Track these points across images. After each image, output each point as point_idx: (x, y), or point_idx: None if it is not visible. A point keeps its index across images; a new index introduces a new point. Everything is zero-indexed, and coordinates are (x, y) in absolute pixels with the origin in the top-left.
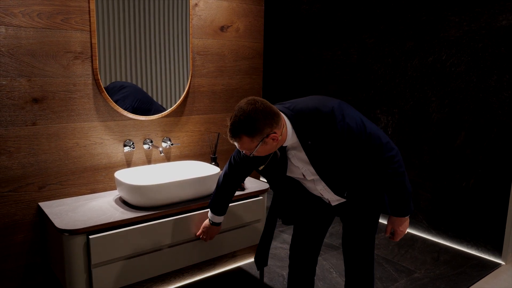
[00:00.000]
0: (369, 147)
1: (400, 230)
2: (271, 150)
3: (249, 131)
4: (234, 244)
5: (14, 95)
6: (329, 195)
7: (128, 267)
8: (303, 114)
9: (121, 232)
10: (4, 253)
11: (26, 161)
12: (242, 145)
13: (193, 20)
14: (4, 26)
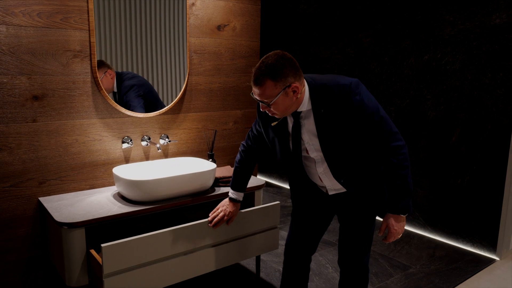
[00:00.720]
0: (379, 131)
1: (395, 229)
2: (288, 106)
3: (274, 75)
4: (254, 250)
5: (15, 93)
6: (327, 181)
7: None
8: (322, 83)
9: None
10: (6, 246)
11: (26, 157)
12: (264, 91)
13: (190, 19)
14: (5, 25)
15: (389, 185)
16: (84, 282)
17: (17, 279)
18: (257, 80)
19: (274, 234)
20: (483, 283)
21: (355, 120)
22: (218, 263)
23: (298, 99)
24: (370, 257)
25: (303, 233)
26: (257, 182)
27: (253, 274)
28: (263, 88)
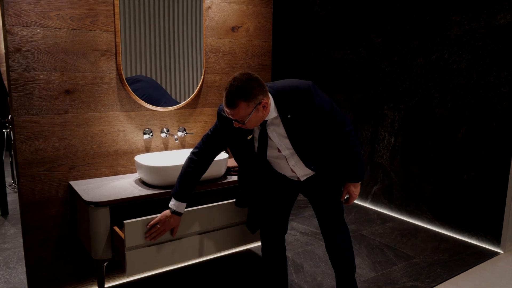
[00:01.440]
0: (335, 122)
1: (355, 194)
2: (260, 120)
3: (246, 96)
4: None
5: (50, 87)
6: (299, 170)
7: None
8: (284, 91)
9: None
10: (40, 225)
11: (59, 144)
12: (238, 111)
13: (206, 22)
14: (42, 27)
15: (346, 161)
16: (108, 256)
17: (49, 254)
18: (231, 103)
19: None
20: (484, 274)
21: (317, 117)
22: (232, 244)
23: (266, 111)
24: (376, 248)
25: (275, 218)
26: None
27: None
28: (237, 109)
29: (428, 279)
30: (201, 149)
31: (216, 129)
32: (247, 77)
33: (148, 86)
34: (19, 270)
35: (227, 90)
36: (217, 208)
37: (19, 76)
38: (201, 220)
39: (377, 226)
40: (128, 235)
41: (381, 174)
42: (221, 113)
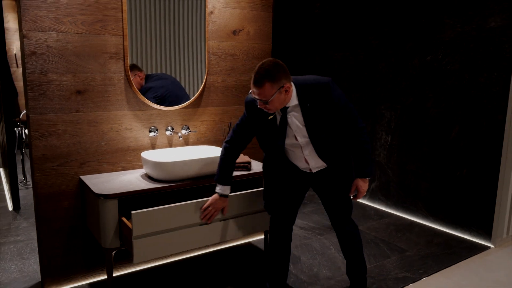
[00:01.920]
0: (349, 117)
1: (363, 189)
2: (281, 103)
3: (271, 78)
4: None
5: (62, 88)
6: (312, 161)
7: (163, 240)
8: (305, 82)
9: (157, 209)
10: (53, 216)
11: (70, 141)
12: (263, 91)
13: (209, 25)
14: (55, 32)
15: (357, 157)
16: (116, 244)
17: (61, 244)
18: (258, 82)
19: None
20: (474, 266)
21: (333, 109)
22: (231, 234)
23: (288, 97)
24: (372, 242)
25: (285, 208)
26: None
27: (261, 250)
28: (262, 89)
29: (419, 270)
30: (232, 138)
31: (243, 119)
32: (274, 63)
33: (170, 83)
34: (32, 260)
35: (256, 72)
36: None
37: (34, 77)
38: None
39: (374, 222)
40: (135, 224)
41: (378, 171)
42: (248, 102)
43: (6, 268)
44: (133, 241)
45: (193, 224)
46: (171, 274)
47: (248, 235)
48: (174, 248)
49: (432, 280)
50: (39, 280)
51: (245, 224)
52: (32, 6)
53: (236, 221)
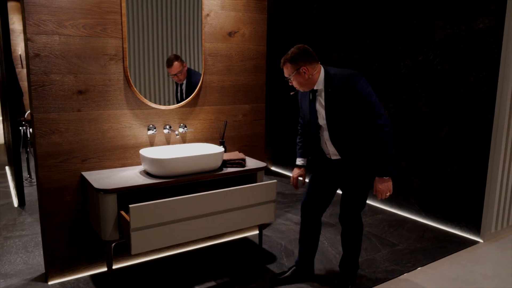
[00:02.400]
0: (369, 110)
1: (379, 188)
2: (302, 82)
3: (291, 59)
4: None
5: (64, 88)
6: (330, 147)
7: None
8: (335, 70)
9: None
10: (56, 210)
11: (72, 139)
12: (285, 70)
13: (205, 28)
14: (58, 35)
15: (374, 155)
16: (115, 237)
17: (64, 237)
18: (281, 63)
19: (270, 207)
20: (462, 260)
21: (352, 99)
22: (223, 227)
23: (311, 79)
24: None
25: (314, 194)
26: (259, 164)
27: (257, 245)
28: (284, 68)
29: (408, 263)
30: (300, 126)
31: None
32: (298, 48)
33: None
34: (36, 253)
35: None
36: (213, 195)
37: (38, 78)
38: (195, 206)
39: (368, 218)
40: (133, 217)
41: None
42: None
43: (12, 261)
44: (131, 233)
45: (188, 217)
46: (169, 267)
47: (242, 229)
48: (170, 240)
49: (419, 272)
50: (43, 271)
51: (238, 217)
52: (35, 10)
53: (230, 215)
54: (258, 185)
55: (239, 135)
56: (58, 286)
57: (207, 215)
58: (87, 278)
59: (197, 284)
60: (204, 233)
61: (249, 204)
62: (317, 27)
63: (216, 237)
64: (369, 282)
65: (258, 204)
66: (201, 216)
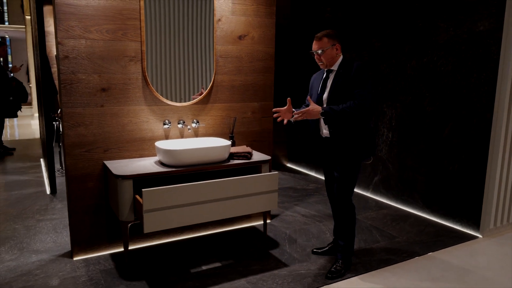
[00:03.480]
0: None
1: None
2: (330, 58)
3: (329, 36)
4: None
5: (90, 86)
6: (322, 123)
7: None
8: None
9: (164, 188)
10: (81, 195)
11: (96, 131)
12: (321, 43)
13: (217, 32)
14: (84, 39)
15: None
16: (131, 218)
17: (87, 219)
18: (319, 36)
19: (273, 196)
20: (458, 253)
21: (352, 81)
22: (227, 213)
23: (336, 58)
24: (365, 229)
25: (326, 176)
26: (264, 157)
27: (262, 233)
28: (321, 41)
29: (404, 254)
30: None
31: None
32: (334, 30)
33: None
34: (64, 234)
35: (320, 32)
36: (218, 183)
37: (66, 77)
38: (203, 192)
39: (372, 212)
40: (145, 200)
41: (380, 166)
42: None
43: (43, 240)
44: (144, 214)
45: (195, 202)
46: (180, 250)
47: (249, 218)
48: (178, 222)
49: (414, 262)
50: (69, 249)
51: (241, 204)
52: (65, 18)
53: (233, 202)
54: (259, 176)
55: (248, 131)
56: (82, 262)
57: (212, 201)
58: (107, 256)
59: (204, 265)
60: (209, 217)
61: (252, 193)
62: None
63: (225, 225)
64: (362, 268)
65: (261, 193)
66: (207, 201)
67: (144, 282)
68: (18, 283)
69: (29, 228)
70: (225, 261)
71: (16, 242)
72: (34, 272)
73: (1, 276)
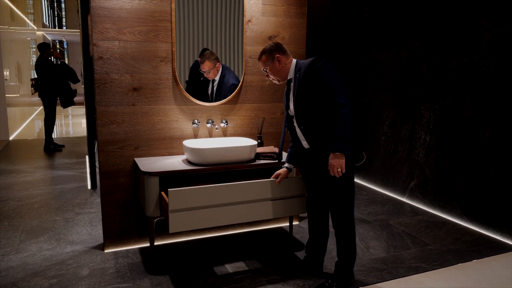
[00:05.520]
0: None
1: (331, 162)
2: (278, 71)
3: (265, 52)
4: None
5: (122, 85)
6: (300, 134)
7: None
8: (304, 60)
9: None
10: (112, 189)
11: (127, 129)
12: (262, 63)
13: (247, 32)
14: (117, 41)
15: (330, 131)
16: (157, 214)
17: (118, 213)
18: (259, 57)
19: (301, 200)
20: (494, 264)
21: (314, 81)
22: (254, 216)
23: (285, 68)
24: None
25: (308, 189)
26: None
27: (288, 234)
28: (261, 60)
29: (435, 262)
30: None
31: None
32: (272, 43)
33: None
34: (99, 227)
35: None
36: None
37: (101, 77)
38: (230, 194)
39: (406, 218)
40: (171, 200)
41: (417, 170)
42: None
43: (79, 231)
44: (169, 214)
45: (220, 204)
46: (205, 247)
47: (276, 219)
48: (204, 223)
49: (444, 271)
50: (102, 242)
51: (268, 208)
52: (100, 20)
53: (259, 205)
54: (286, 179)
55: (277, 131)
56: (112, 254)
57: (237, 203)
58: (136, 249)
59: (227, 263)
60: (234, 219)
61: (278, 197)
62: (367, 29)
63: (251, 225)
64: (389, 275)
65: (288, 198)
66: (232, 203)
67: (167, 277)
68: (52, 271)
69: (67, 220)
70: (249, 261)
71: (55, 233)
72: (67, 262)
73: (37, 264)
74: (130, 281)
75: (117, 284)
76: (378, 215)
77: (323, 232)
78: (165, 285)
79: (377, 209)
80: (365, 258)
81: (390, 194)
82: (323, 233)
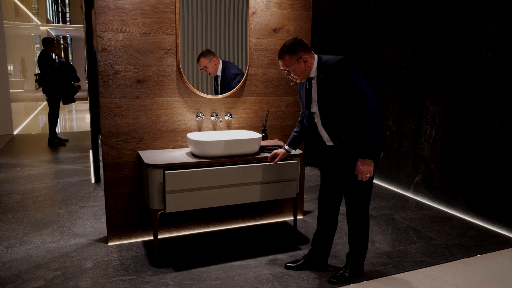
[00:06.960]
0: (357, 94)
1: (360, 168)
2: (302, 72)
3: (289, 51)
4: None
5: (126, 77)
6: (324, 133)
7: (191, 197)
8: (325, 58)
9: (188, 171)
10: (116, 182)
11: (131, 122)
12: (284, 62)
13: (251, 25)
14: (121, 32)
15: (359, 137)
16: (161, 207)
17: (122, 205)
18: (279, 55)
19: (292, 184)
20: (500, 259)
21: (341, 83)
22: (247, 198)
23: (309, 67)
24: (402, 230)
25: (323, 184)
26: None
27: (292, 228)
28: (283, 60)
29: (440, 257)
30: (300, 119)
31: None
32: (293, 39)
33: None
34: (103, 220)
35: (280, 48)
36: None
37: (104, 69)
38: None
39: (411, 213)
40: (168, 181)
41: (422, 165)
42: None
43: (83, 224)
44: (166, 195)
45: (216, 186)
46: (209, 240)
47: (282, 213)
48: (199, 204)
49: (449, 266)
50: (105, 235)
51: (259, 190)
52: (104, 12)
53: (251, 188)
54: (279, 164)
55: (281, 124)
56: (116, 247)
57: (231, 186)
58: (139, 243)
59: (231, 256)
60: (229, 200)
61: (271, 180)
62: (372, 23)
63: (256, 218)
64: (394, 269)
65: (280, 181)
66: (227, 186)
67: (170, 269)
68: (55, 263)
69: (71, 213)
70: (253, 253)
71: (59, 226)
72: (71, 255)
73: (41, 256)
74: (134, 273)
75: (120, 276)
76: (383, 210)
77: (332, 225)
78: (169, 278)
79: (382, 203)
80: (370, 252)
81: (394, 189)
82: (331, 226)
